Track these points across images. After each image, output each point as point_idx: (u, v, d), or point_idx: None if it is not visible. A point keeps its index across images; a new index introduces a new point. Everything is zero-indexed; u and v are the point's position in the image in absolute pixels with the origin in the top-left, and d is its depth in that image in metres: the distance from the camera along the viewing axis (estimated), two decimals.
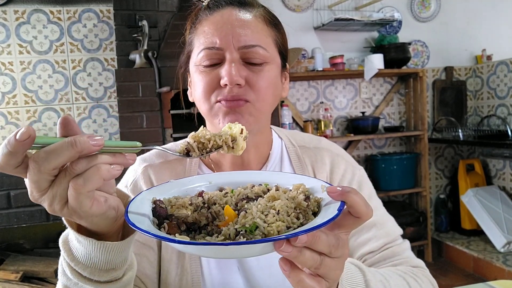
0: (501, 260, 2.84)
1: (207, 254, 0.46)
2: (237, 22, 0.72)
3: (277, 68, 0.77)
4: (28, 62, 2.74)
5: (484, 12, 3.56)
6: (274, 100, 0.77)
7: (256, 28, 0.73)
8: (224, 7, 0.75)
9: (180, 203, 0.52)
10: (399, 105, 3.52)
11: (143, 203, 0.51)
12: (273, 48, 0.76)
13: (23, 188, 2.13)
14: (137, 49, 2.53)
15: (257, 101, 0.72)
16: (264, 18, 0.76)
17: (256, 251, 0.42)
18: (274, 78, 0.75)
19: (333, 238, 0.44)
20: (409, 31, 3.45)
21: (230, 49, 0.71)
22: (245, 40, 0.71)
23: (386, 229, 0.83)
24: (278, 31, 0.79)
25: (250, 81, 0.72)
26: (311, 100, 3.31)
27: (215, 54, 0.72)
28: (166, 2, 2.67)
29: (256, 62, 0.72)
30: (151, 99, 2.41)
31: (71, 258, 0.52)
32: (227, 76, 0.69)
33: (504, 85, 3.37)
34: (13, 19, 2.71)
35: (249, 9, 0.75)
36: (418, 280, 0.73)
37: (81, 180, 0.42)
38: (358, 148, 3.41)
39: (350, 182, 0.85)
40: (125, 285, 0.56)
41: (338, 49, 3.28)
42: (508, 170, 3.33)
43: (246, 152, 0.81)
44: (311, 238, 0.41)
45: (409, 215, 3.16)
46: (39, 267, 2.14)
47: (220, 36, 0.71)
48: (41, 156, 0.41)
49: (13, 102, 2.72)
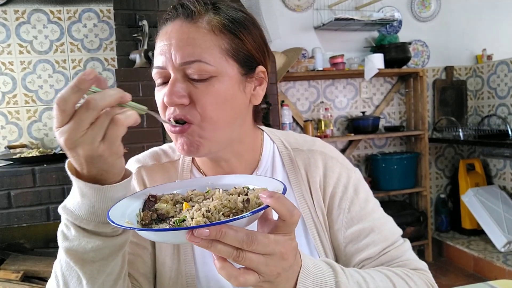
0: (502, 259, 2.84)
1: (148, 237, 0.54)
2: (178, 37, 0.68)
3: (230, 79, 0.70)
4: (28, 62, 2.74)
5: (484, 12, 3.56)
6: (233, 113, 0.71)
7: (197, 41, 0.67)
8: (173, 20, 0.71)
9: (164, 198, 0.61)
10: (400, 105, 3.52)
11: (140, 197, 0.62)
12: (222, 59, 0.69)
13: (23, 188, 2.13)
14: (137, 49, 2.53)
15: (202, 121, 0.68)
16: (212, 26, 0.69)
17: (176, 239, 0.50)
18: (225, 91, 0.69)
19: (244, 234, 0.49)
20: (409, 31, 3.45)
21: (172, 67, 0.68)
22: (183, 56, 0.67)
23: (384, 232, 0.80)
24: (235, 36, 0.71)
25: (194, 98, 0.68)
26: (311, 100, 3.31)
27: (162, 73, 0.70)
28: (166, 2, 2.67)
29: (199, 78, 0.67)
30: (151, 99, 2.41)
31: (74, 217, 0.58)
32: (166, 97, 0.67)
33: (505, 85, 3.37)
34: (13, 19, 2.71)
35: (197, 19, 0.69)
36: (410, 282, 0.71)
37: (123, 116, 0.52)
38: (358, 148, 3.41)
39: (346, 186, 0.83)
40: (125, 241, 0.63)
41: (338, 49, 3.28)
42: (509, 169, 3.33)
43: (226, 162, 0.79)
44: (214, 232, 0.47)
45: (409, 214, 3.16)
46: (40, 267, 2.14)
47: (163, 54, 0.69)
48: (98, 96, 0.50)
49: (13, 102, 2.72)
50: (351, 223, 0.81)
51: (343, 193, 0.82)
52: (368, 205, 0.83)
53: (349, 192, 0.82)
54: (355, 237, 0.80)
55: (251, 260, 0.50)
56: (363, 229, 0.80)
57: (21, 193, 2.13)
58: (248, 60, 0.73)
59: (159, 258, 0.79)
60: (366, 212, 0.82)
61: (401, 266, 0.77)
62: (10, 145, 2.63)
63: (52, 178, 2.17)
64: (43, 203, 2.16)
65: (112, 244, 0.60)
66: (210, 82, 0.68)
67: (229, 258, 0.50)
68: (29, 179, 2.15)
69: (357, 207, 0.81)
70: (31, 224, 2.15)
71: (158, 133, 2.43)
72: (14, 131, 2.73)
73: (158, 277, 0.79)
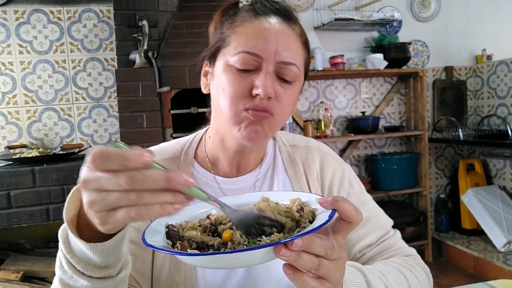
0: (502, 259, 2.84)
1: (216, 264, 0.49)
2: (282, 36, 0.72)
3: (300, 86, 0.79)
4: (28, 62, 2.74)
5: (484, 12, 3.56)
6: (290, 115, 0.80)
7: (295, 46, 0.74)
8: (270, 15, 0.74)
9: (190, 226, 0.58)
10: (399, 105, 3.52)
11: (157, 228, 0.56)
12: (303, 68, 0.77)
13: (23, 188, 2.13)
14: (137, 49, 2.53)
15: (279, 116, 0.73)
16: (301, 37, 0.77)
17: (259, 258, 0.46)
18: (296, 95, 0.78)
19: (327, 241, 0.49)
20: (409, 31, 3.45)
21: (270, 60, 0.71)
22: (286, 56, 0.71)
23: (380, 222, 0.88)
24: (308, 53, 0.81)
25: (278, 96, 0.72)
26: (311, 100, 3.31)
27: (253, 61, 0.71)
28: (166, 2, 2.67)
29: (288, 79, 0.73)
30: (151, 99, 2.41)
31: (68, 250, 0.53)
32: (263, 88, 0.69)
33: (504, 85, 3.37)
34: (13, 19, 2.71)
35: (293, 25, 0.76)
36: (413, 270, 0.79)
37: (144, 209, 0.42)
38: (358, 148, 3.41)
39: (341, 179, 0.89)
40: (118, 283, 0.57)
41: (338, 49, 3.28)
42: (508, 169, 3.33)
43: (247, 155, 0.82)
44: (306, 242, 0.46)
45: (409, 214, 3.16)
46: (40, 267, 2.14)
47: (264, 44, 0.70)
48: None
49: (13, 102, 2.72)
50: None
51: (340, 186, 0.88)
52: (363, 196, 0.90)
53: (345, 185, 0.89)
54: None
55: (326, 268, 0.49)
56: None
57: (21, 193, 2.13)
58: (307, 73, 0.82)
59: (157, 261, 0.79)
60: (361, 202, 0.88)
61: (396, 254, 0.85)
62: (10, 145, 2.63)
63: (52, 178, 2.17)
64: (43, 203, 2.16)
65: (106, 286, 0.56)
66: (292, 85, 0.75)
67: (312, 268, 0.49)
68: (29, 179, 2.15)
69: (354, 198, 0.88)
70: (31, 224, 2.15)
71: (158, 133, 2.43)
72: (14, 131, 2.73)
73: (156, 274, 0.79)
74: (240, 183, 0.84)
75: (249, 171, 0.85)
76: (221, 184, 0.83)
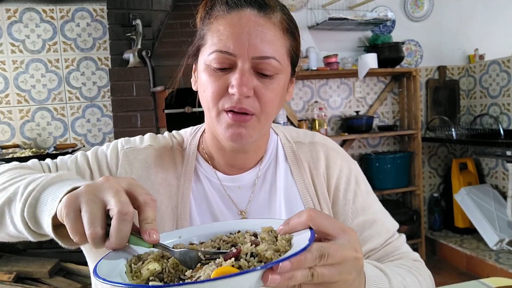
0: (494, 258, 2.86)
1: None
2: (255, 29, 0.68)
3: (286, 78, 0.75)
4: (20, 61, 2.72)
5: (476, 12, 3.59)
6: (278, 108, 0.76)
7: (273, 38, 0.69)
8: (243, 7, 0.70)
9: (152, 257, 0.51)
10: (393, 104, 3.54)
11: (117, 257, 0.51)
12: (286, 58, 0.73)
13: None
14: (131, 48, 2.52)
15: (261, 114, 0.71)
16: (282, 25, 0.72)
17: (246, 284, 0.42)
18: (281, 89, 0.73)
19: (314, 250, 0.46)
20: (402, 31, 3.46)
21: (244, 57, 0.67)
22: (261, 51, 0.68)
23: (386, 224, 0.85)
24: (294, 39, 0.75)
25: (258, 92, 0.69)
26: (306, 100, 3.32)
27: (227, 59, 0.68)
28: (160, 1, 2.66)
29: (267, 74, 0.69)
30: (145, 98, 2.41)
31: (32, 222, 0.56)
32: (237, 87, 0.66)
33: (496, 84, 3.40)
34: (4, 18, 2.68)
35: (269, 13, 0.70)
36: (422, 274, 0.77)
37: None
38: (352, 147, 3.43)
39: (348, 177, 0.85)
40: None
41: (332, 49, 3.29)
42: (501, 168, 3.36)
43: (242, 154, 0.80)
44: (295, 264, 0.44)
45: (402, 213, 3.18)
46: (33, 268, 2.13)
47: (235, 41, 0.67)
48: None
49: (5, 101, 2.70)
50: (356, 214, 0.83)
51: (347, 185, 0.85)
52: (369, 197, 0.87)
53: (351, 184, 0.85)
54: (359, 228, 0.82)
55: (323, 274, 0.47)
56: (367, 220, 0.83)
57: None
58: (296, 61, 0.77)
59: None
60: (368, 204, 0.85)
61: (402, 257, 0.82)
62: (3, 145, 2.61)
63: None
64: None
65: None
66: (274, 79, 0.71)
67: (306, 281, 0.47)
68: None
69: (360, 198, 0.85)
70: None
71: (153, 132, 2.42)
72: (6, 131, 2.71)
73: None
74: (239, 181, 0.82)
75: (248, 169, 0.83)
76: (222, 181, 0.81)
